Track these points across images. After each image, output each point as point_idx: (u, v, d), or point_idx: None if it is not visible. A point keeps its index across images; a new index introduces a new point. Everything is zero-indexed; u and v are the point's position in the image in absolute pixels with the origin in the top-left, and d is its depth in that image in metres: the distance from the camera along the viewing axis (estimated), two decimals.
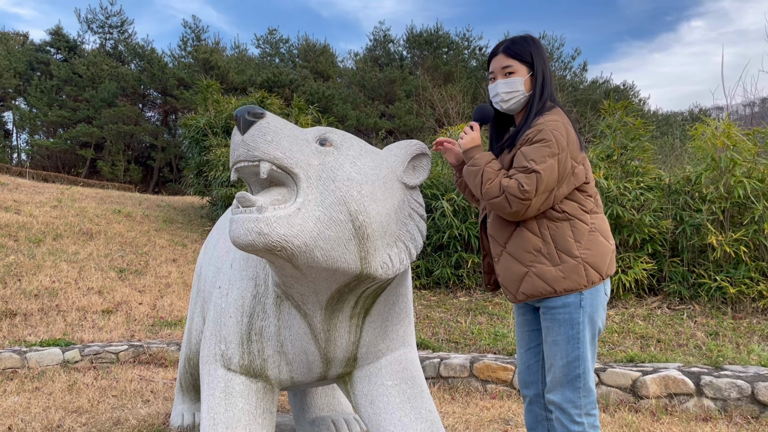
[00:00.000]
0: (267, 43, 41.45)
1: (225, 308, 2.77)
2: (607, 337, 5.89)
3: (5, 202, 12.26)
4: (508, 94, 2.40)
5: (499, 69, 2.42)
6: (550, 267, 2.23)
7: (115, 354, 6.09)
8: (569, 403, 2.23)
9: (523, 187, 2.14)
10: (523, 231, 2.28)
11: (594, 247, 2.25)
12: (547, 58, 2.46)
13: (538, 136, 2.21)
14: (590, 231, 2.27)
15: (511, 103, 2.41)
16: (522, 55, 2.39)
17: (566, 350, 2.23)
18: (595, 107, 20.58)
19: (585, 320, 2.23)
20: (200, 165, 13.76)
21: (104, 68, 34.55)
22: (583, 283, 2.21)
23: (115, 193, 17.27)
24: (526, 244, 2.26)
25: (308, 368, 2.75)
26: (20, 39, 40.39)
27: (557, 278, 2.21)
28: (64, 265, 9.09)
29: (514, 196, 2.16)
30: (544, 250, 2.24)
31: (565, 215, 2.26)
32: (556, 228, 2.25)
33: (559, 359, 2.24)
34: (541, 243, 2.25)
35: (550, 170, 2.16)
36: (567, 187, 2.25)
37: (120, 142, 33.88)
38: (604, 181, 7.17)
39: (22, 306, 7.32)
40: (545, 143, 2.19)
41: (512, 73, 2.39)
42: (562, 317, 2.24)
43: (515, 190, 2.15)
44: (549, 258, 2.24)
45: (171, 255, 10.77)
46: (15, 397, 4.68)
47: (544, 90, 2.38)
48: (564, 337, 2.23)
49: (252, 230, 2.08)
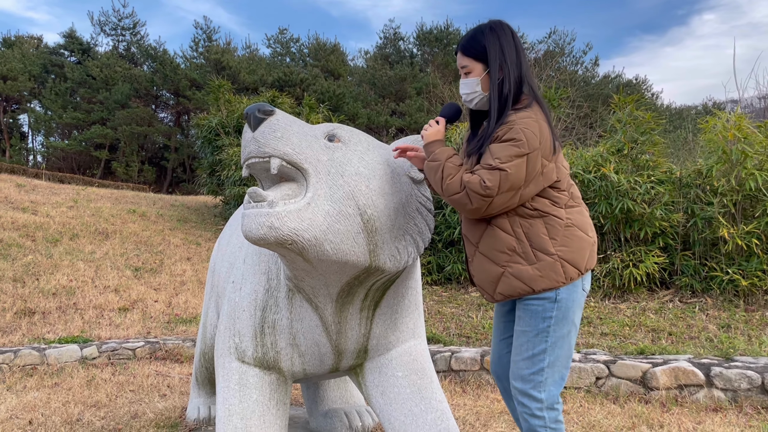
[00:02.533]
0: (278, 42, 41.60)
1: (238, 302, 2.84)
2: (618, 330, 5.91)
3: (22, 203, 12.45)
4: (468, 95, 2.30)
5: (459, 68, 2.30)
6: (527, 266, 2.14)
7: (131, 350, 6.19)
8: (527, 397, 2.17)
9: (485, 183, 2.04)
10: (495, 230, 2.19)
11: (571, 243, 2.17)
12: (510, 45, 2.23)
13: (508, 134, 2.09)
14: (566, 226, 2.17)
15: (474, 103, 2.31)
16: (476, 50, 2.24)
17: (533, 342, 2.17)
18: (607, 102, 20.48)
19: (558, 316, 2.15)
20: (213, 165, 13.89)
21: (117, 70, 34.86)
22: (561, 281, 2.14)
23: (130, 194, 17.46)
24: (499, 244, 2.18)
25: (320, 360, 2.80)
26: (34, 42, 40.82)
27: (534, 277, 2.13)
28: (80, 264, 9.23)
29: (475, 192, 2.06)
30: (519, 249, 2.15)
31: (537, 212, 2.16)
32: (530, 225, 2.16)
33: (524, 350, 2.19)
34: (515, 242, 2.16)
35: (517, 169, 2.05)
36: (535, 187, 2.13)
37: (134, 143, 34.18)
38: (615, 175, 7.17)
39: (40, 304, 7.46)
40: (514, 143, 2.07)
41: (468, 73, 2.27)
42: (534, 308, 2.17)
43: (476, 186, 2.05)
44: (524, 257, 2.15)
45: (185, 253, 10.90)
46: (35, 393, 4.80)
47: (503, 86, 2.20)
48: (533, 328, 2.17)
49: (263, 224, 2.14)
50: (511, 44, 2.23)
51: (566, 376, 2.23)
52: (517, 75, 2.21)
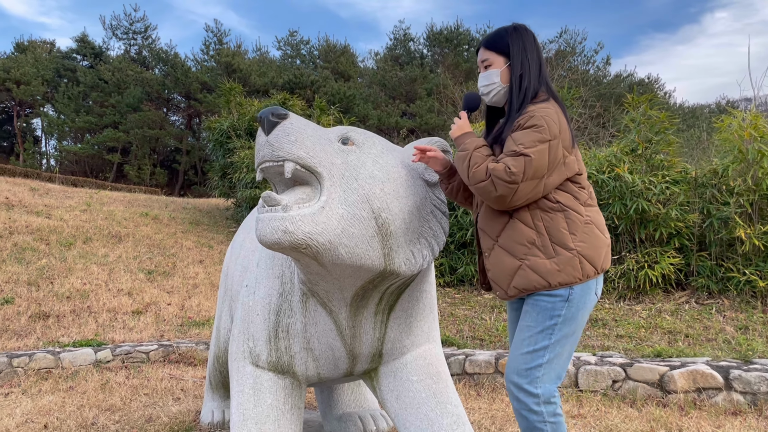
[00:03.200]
0: (288, 45, 41.75)
1: (252, 306, 2.83)
2: (634, 332, 5.85)
3: (36, 207, 12.54)
4: (486, 87, 2.36)
5: (480, 63, 2.39)
6: (545, 260, 2.14)
7: (145, 353, 6.21)
8: (523, 392, 2.14)
9: (510, 170, 2.06)
10: (516, 223, 2.19)
11: (589, 240, 2.17)
12: (532, 46, 2.34)
13: (529, 122, 2.13)
14: (585, 223, 2.19)
15: (491, 95, 2.37)
16: (498, 45, 2.34)
17: (536, 338, 2.15)
18: (619, 101, 20.36)
19: (567, 315, 2.14)
20: (224, 167, 13.93)
21: (129, 74, 35.12)
22: (578, 276, 2.13)
23: (142, 197, 17.56)
24: (519, 237, 2.18)
25: (334, 364, 2.78)
26: (47, 47, 41.23)
27: (552, 271, 2.13)
28: (94, 268, 9.28)
29: (501, 179, 2.07)
30: (538, 242, 2.15)
31: (559, 206, 2.17)
32: (550, 219, 2.16)
33: (525, 345, 2.16)
34: (535, 235, 2.16)
35: (540, 155, 2.08)
36: (558, 177, 2.17)
37: (146, 146, 34.41)
38: (629, 175, 7.10)
39: (54, 308, 7.50)
40: (536, 129, 2.11)
41: (489, 65, 2.35)
42: (543, 305, 2.15)
43: (501, 173, 2.07)
44: (543, 250, 2.15)
45: (198, 256, 10.93)
46: (50, 396, 4.81)
47: (522, 80, 2.28)
48: (539, 324, 2.15)
49: (278, 229, 2.12)
50: (533, 46, 2.34)
51: (563, 375, 2.21)
52: (537, 73, 2.30)
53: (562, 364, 2.18)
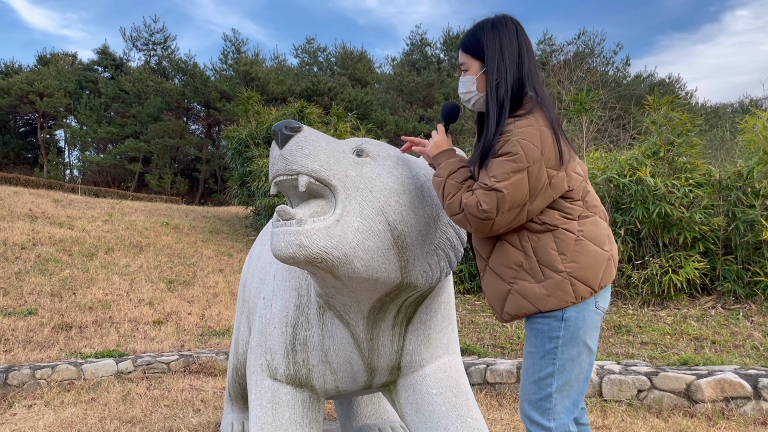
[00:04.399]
0: (305, 52, 41.98)
1: (269, 319, 2.81)
2: (659, 339, 5.74)
3: (59, 218, 12.71)
4: (465, 95, 2.15)
5: (460, 65, 2.15)
6: (533, 284, 1.99)
7: (166, 364, 6.23)
8: (535, 425, 2.00)
9: (482, 207, 1.90)
10: (504, 244, 2.05)
11: (582, 258, 1.98)
12: (512, 44, 2.05)
13: (504, 147, 1.93)
14: (576, 240, 1.99)
15: (471, 103, 2.17)
16: (473, 48, 2.09)
17: (539, 365, 2.01)
18: (639, 103, 20.12)
19: (566, 336, 1.98)
20: (243, 176, 14.01)
21: (149, 84, 35.57)
22: (571, 300, 1.97)
23: (163, 206, 17.72)
24: (507, 259, 2.03)
25: (353, 377, 2.75)
26: (69, 59, 41.92)
27: (541, 296, 1.97)
28: (116, 278, 9.36)
29: (473, 216, 1.92)
30: (526, 265, 2.00)
31: (545, 226, 2.00)
32: (537, 240, 2.00)
33: (531, 374, 2.03)
34: (523, 257, 2.01)
35: (515, 187, 1.89)
36: (542, 200, 1.98)
37: (166, 156, 34.79)
38: (651, 178, 6.99)
39: (77, 319, 7.57)
40: (510, 157, 1.91)
41: (466, 71, 2.13)
42: (540, 327, 2.01)
43: (473, 209, 1.92)
44: (531, 273, 1.99)
45: (217, 265, 10.98)
46: (72, 408, 4.84)
47: (498, 89, 2.03)
48: (539, 349, 2.01)
49: (292, 243, 2.10)
50: (513, 42, 2.06)
51: (581, 401, 2.05)
52: (517, 77, 2.04)
53: (578, 389, 2.03)
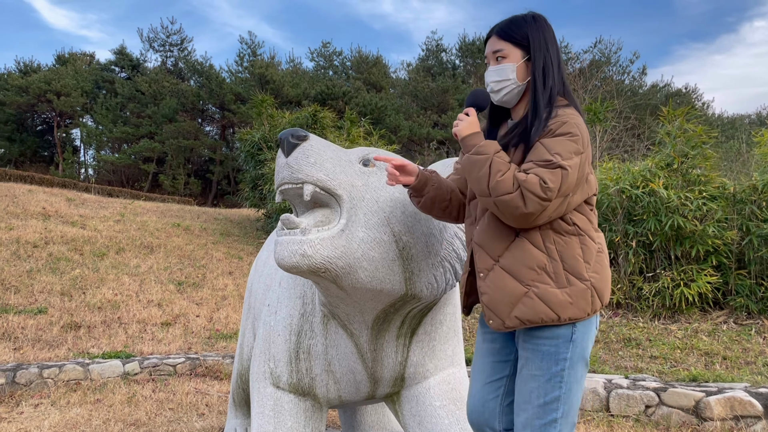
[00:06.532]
0: (321, 56, 42.10)
1: (274, 326, 2.79)
2: (668, 353, 5.66)
3: (72, 218, 12.80)
4: (498, 83, 2.02)
5: (490, 54, 2.05)
6: (556, 289, 1.84)
7: (172, 366, 6.23)
8: None
9: (546, 184, 1.75)
10: (525, 243, 1.89)
11: (601, 270, 1.91)
12: (553, 41, 2.03)
13: (563, 128, 1.85)
14: (598, 251, 1.93)
15: (502, 93, 2.03)
16: (516, 36, 2.00)
17: (545, 389, 1.87)
18: (655, 112, 19.98)
19: (573, 357, 1.88)
20: (256, 178, 14.06)
21: (165, 85, 35.83)
22: (588, 311, 1.87)
23: (175, 207, 17.80)
24: (528, 259, 1.87)
25: (356, 387, 2.73)
26: (87, 59, 42.32)
27: (564, 303, 1.84)
28: (125, 278, 9.40)
29: (533, 194, 1.75)
30: (549, 268, 1.86)
31: (575, 229, 1.90)
32: (564, 243, 1.88)
33: (535, 397, 1.88)
34: (547, 259, 1.86)
35: (574, 169, 1.80)
36: (580, 196, 1.90)
37: (180, 156, 34.99)
38: (664, 190, 6.92)
39: (86, 318, 7.60)
40: (571, 137, 1.83)
41: (503, 57, 2.01)
42: (547, 349, 1.87)
43: (535, 186, 1.75)
44: (555, 278, 1.86)
45: (227, 268, 11.00)
46: (77, 409, 4.85)
47: (546, 77, 1.97)
48: (545, 372, 1.87)
49: (296, 252, 2.09)
50: (554, 41, 2.04)
51: (576, 420, 1.97)
52: (559, 73, 2.02)
53: (576, 409, 1.95)
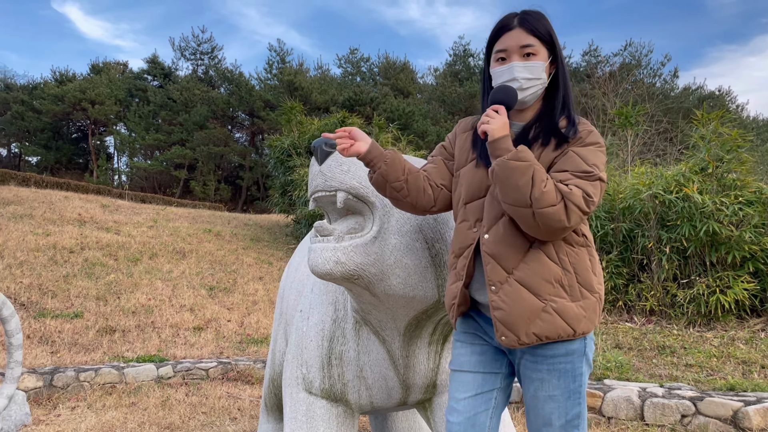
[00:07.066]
0: (348, 62, 42.33)
1: (306, 332, 2.81)
2: (704, 361, 5.55)
3: (107, 224, 13.06)
4: (529, 81, 1.83)
5: (517, 47, 1.83)
6: (571, 303, 1.76)
7: (205, 370, 6.31)
8: None
9: (590, 198, 1.67)
10: (541, 255, 1.78)
11: (602, 282, 1.87)
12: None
13: (591, 137, 1.77)
14: (599, 262, 1.89)
15: (529, 93, 1.84)
16: (542, 32, 1.85)
17: (566, 407, 1.81)
18: (687, 116, 19.63)
19: (587, 371, 1.84)
20: (285, 184, 14.18)
21: (196, 93, 36.38)
22: (595, 323, 1.82)
23: (206, 213, 18.03)
24: (546, 272, 1.76)
25: (388, 394, 2.73)
26: (120, 68, 43.21)
27: (579, 317, 1.76)
28: (159, 283, 9.56)
29: (577, 207, 1.66)
30: (565, 282, 1.77)
31: (584, 240, 1.82)
32: (576, 255, 1.80)
33: (556, 418, 1.81)
34: (562, 272, 1.77)
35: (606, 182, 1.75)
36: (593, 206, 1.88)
37: (211, 163, 35.46)
38: (698, 195, 6.79)
39: (120, 323, 7.75)
40: (600, 147, 1.76)
41: (534, 54, 1.83)
42: (563, 367, 1.80)
43: (579, 199, 1.66)
44: (569, 291, 1.77)
45: (257, 273, 11.11)
46: (113, 412, 4.94)
47: (567, 80, 1.89)
48: (564, 391, 1.81)
49: (330, 259, 2.11)
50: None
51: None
52: None
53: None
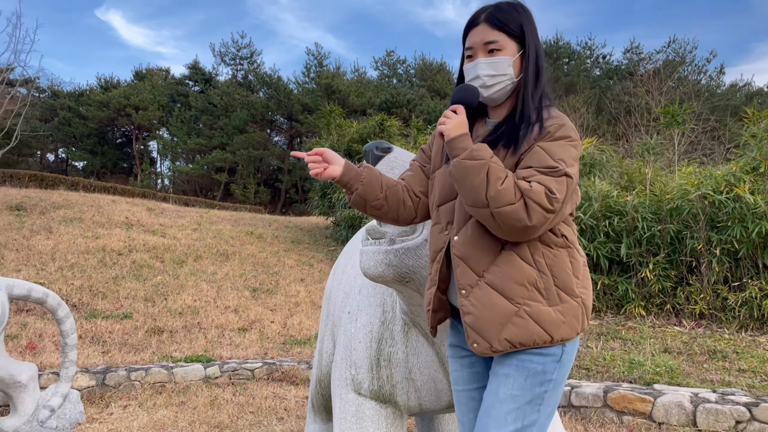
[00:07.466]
0: (385, 65, 42.42)
1: (354, 333, 2.84)
2: (758, 366, 5.39)
3: (153, 227, 13.37)
4: (492, 78, 1.78)
5: (480, 44, 1.79)
6: (548, 307, 1.68)
7: (250, 371, 6.41)
8: None
9: (553, 194, 1.58)
10: (513, 257, 1.69)
11: (588, 285, 1.77)
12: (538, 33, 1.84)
13: (561, 131, 1.68)
14: (584, 265, 1.78)
15: (494, 90, 1.80)
16: (510, 26, 1.78)
17: (523, 411, 1.68)
18: (735, 113, 19.08)
19: (558, 379, 1.72)
20: (324, 187, 14.30)
21: (236, 97, 36.98)
22: (578, 330, 1.71)
23: (248, 215, 18.30)
24: (518, 275, 1.68)
25: (436, 396, 2.74)
26: (162, 74, 44.19)
27: (557, 322, 1.67)
28: (204, 285, 9.75)
29: (539, 205, 1.57)
30: (540, 284, 1.68)
31: (564, 240, 1.73)
32: (554, 257, 1.70)
33: (511, 420, 1.67)
34: (537, 275, 1.69)
35: (577, 177, 1.65)
36: (570, 206, 1.73)
37: (250, 166, 35.98)
38: (750, 196, 6.61)
39: (168, 323, 7.93)
40: (571, 141, 1.67)
41: (498, 50, 1.78)
42: (533, 367, 1.69)
43: (541, 196, 1.57)
44: (546, 295, 1.68)
45: (299, 275, 11.22)
46: (164, 411, 5.06)
47: (540, 74, 1.80)
48: (526, 393, 1.69)
49: (381, 262, 2.13)
50: (537, 30, 1.85)
51: None
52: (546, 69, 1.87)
53: None
